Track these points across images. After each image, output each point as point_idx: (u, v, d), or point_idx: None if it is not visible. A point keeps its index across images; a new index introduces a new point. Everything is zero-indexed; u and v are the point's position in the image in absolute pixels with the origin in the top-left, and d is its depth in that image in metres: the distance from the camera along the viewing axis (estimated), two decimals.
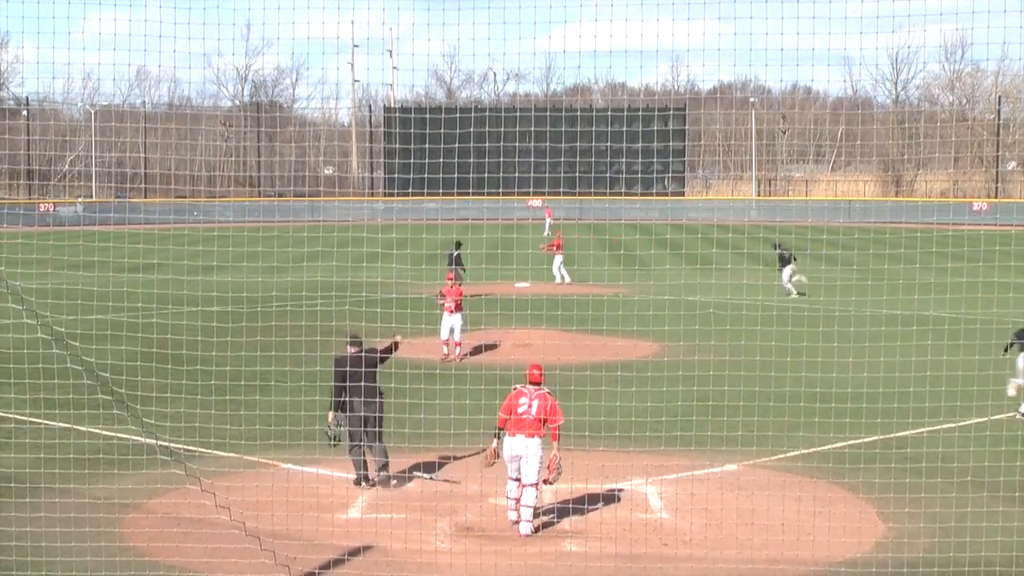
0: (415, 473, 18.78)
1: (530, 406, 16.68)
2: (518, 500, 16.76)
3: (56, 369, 24.40)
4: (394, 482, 18.89)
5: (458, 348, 31.46)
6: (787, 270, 46.26)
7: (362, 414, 18.68)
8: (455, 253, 45.51)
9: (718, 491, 18.31)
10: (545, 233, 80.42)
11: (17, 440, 20.99)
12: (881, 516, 17.26)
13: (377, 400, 18.87)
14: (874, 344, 24.97)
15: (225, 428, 21.21)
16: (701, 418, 21.70)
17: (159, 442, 15.68)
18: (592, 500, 17.56)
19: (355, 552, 15.49)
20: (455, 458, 19.64)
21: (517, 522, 16.75)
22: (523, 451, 16.58)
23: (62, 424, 22.14)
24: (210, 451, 19.86)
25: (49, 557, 14.81)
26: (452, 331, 31.46)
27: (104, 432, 21.66)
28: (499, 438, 16.91)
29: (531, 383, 16.92)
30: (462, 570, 14.99)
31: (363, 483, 18.95)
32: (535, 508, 16.73)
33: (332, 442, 19.06)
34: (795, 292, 45.34)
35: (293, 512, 16.50)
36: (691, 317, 36.65)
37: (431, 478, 18.63)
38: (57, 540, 15.21)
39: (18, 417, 22.32)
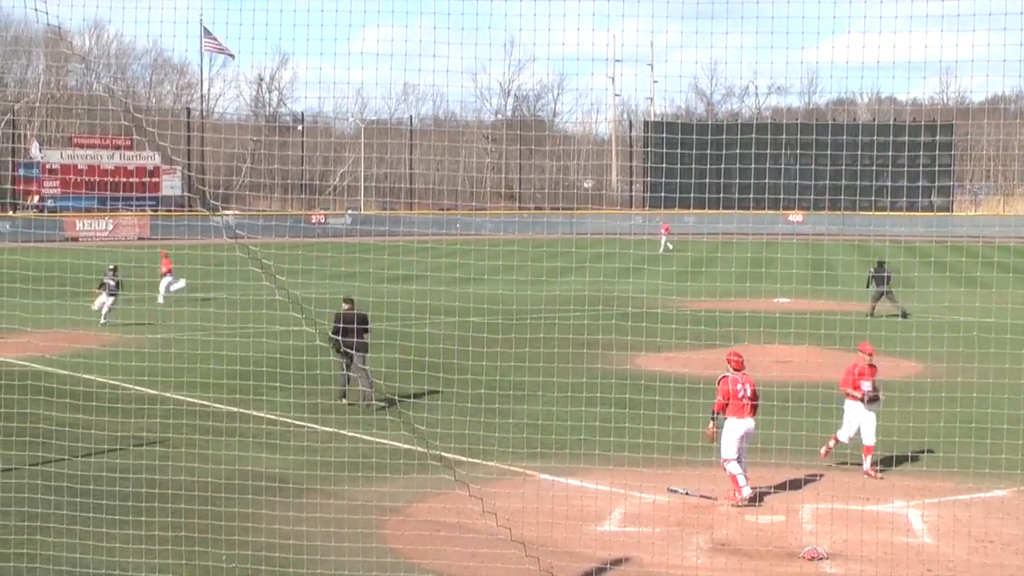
0: (671, 488, 18.76)
1: (746, 389, 18.60)
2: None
3: (332, 376, 25.41)
4: (369, 403, 24.65)
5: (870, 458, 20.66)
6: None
7: (353, 352, 24.11)
8: (878, 273, 43.49)
9: (985, 517, 17.71)
10: (660, 250, 78.53)
11: (286, 442, 21.78)
12: None
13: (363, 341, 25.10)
14: None
15: (485, 436, 21.68)
16: (966, 440, 20.96)
17: (429, 447, 16.07)
18: (852, 521, 17.22)
19: (611, 564, 15.57)
20: (711, 474, 19.52)
21: (751, 488, 18.39)
22: (749, 427, 18.60)
23: (329, 428, 22.93)
24: (468, 459, 20.22)
25: (315, 556, 15.30)
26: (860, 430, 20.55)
27: (365, 436, 22.36)
28: (715, 420, 18.70)
29: (737, 370, 18.76)
30: None
31: (343, 398, 25.00)
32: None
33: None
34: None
35: (551, 521, 16.66)
36: (956, 338, 35.50)
37: (688, 493, 18.58)
38: (323, 540, 15.71)
39: (288, 420, 23.14)
